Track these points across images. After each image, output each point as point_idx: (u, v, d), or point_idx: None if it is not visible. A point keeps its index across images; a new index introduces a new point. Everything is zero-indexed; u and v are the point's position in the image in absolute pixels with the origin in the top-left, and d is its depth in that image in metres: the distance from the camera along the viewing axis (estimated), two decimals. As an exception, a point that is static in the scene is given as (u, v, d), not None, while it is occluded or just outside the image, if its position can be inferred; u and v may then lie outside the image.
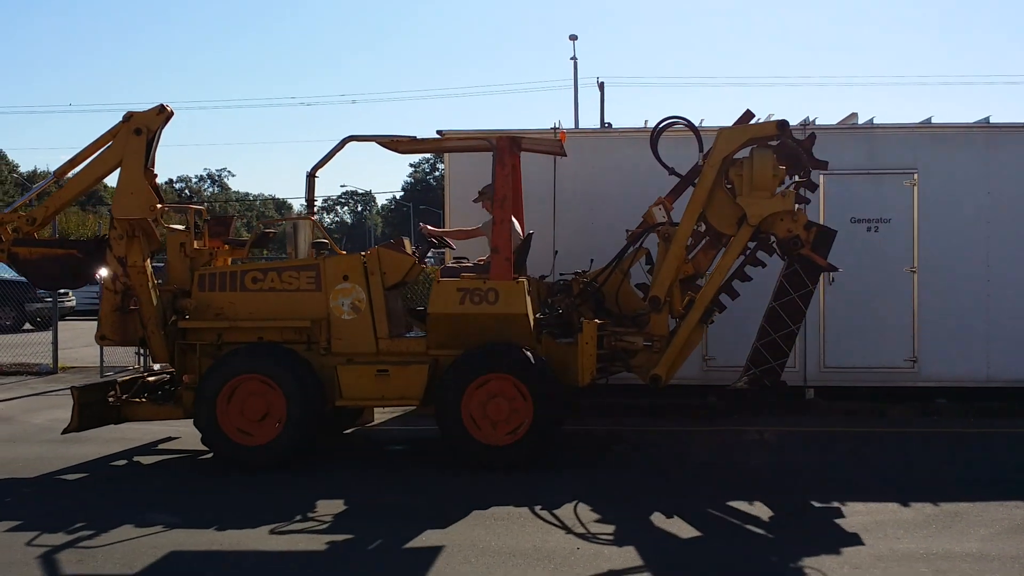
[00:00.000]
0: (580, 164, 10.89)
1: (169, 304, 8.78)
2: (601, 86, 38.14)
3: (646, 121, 11.60)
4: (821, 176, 10.79)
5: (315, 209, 9.44)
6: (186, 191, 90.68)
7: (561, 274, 9.24)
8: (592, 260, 9.18)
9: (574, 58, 42.43)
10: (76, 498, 7.55)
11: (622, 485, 7.78)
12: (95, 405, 8.71)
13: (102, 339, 8.93)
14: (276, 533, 6.43)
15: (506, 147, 8.62)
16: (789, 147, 8.30)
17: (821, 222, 10.76)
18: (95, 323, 15.55)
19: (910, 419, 10.61)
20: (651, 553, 5.99)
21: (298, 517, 6.79)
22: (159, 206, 8.93)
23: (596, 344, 8.42)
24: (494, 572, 5.67)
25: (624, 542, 6.21)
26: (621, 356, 8.67)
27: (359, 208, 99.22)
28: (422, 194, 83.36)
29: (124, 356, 14.97)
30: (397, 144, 9.30)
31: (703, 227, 8.86)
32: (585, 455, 8.94)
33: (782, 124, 8.15)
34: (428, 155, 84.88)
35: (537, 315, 8.77)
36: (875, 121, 11.25)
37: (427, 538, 6.29)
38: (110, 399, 8.85)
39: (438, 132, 10.87)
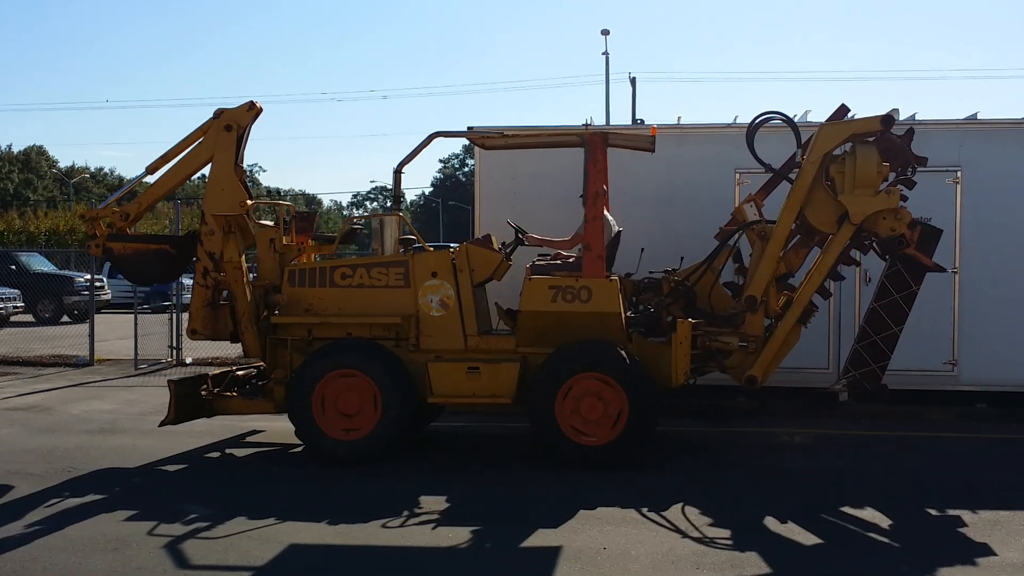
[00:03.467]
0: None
1: (261, 299, 8.80)
2: (633, 81, 37.96)
3: (679, 118, 11.53)
4: None
5: (400, 205, 9.43)
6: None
7: (651, 272, 9.12)
8: (683, 258, 9.07)
9: (606, 53, 42.12)
10: (183, 489, 7.60)
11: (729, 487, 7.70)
12: (189, 398, 8.76)
13: (193, 333, 8.96)
14: (388, 528, 6.41)
15: (599, 143, 8.53)
16: (893, 143, 8.12)
17: None
18: (131, 316, 15.86)
19: (948, 424, 10.41)
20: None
21: (405, 512, 6.77)
22: (249, 203, 8.98)
23: (691, 344, 8.32)
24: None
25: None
26: (716, 356, 8.55)
27: (388, 204, 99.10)
28: (451, 190, 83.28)
29: (157, 350, 15.24)
30: (484, 140, 9.26)
31: (794, 224, 8.72)
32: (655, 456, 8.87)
33: (887, 119, 7.95)
34: (457, 151, 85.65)
35: (628, 313, 8.68)
36: (917, 117, 10.82)
37: (542, 538, 6.23)
38: (202, 393, 8.90)
39: (468, 128, 10.83)
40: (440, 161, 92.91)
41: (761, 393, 9.32)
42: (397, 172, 9.40)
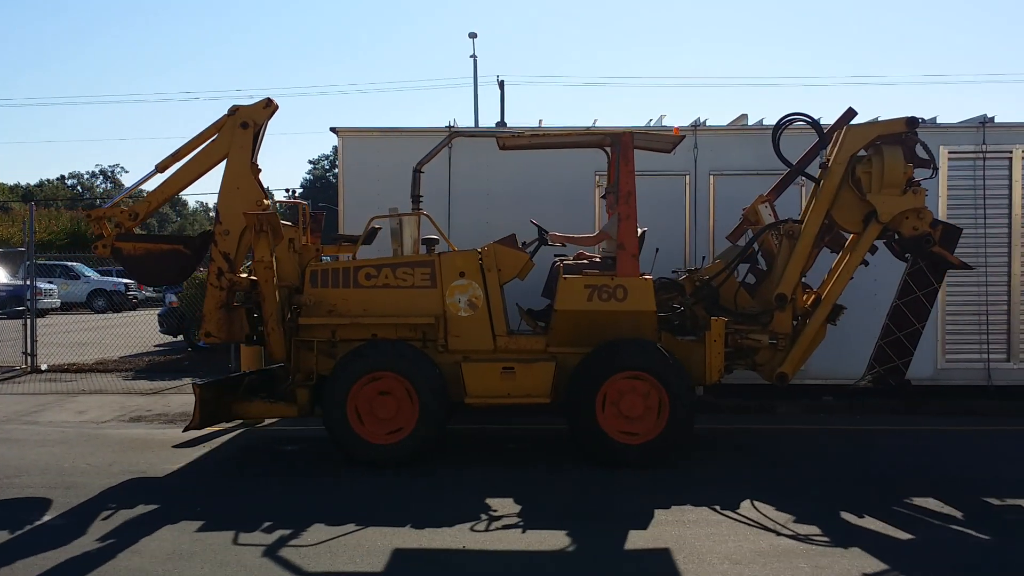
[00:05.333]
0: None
1: (286, 300, 8.48)
2: (501, 84, 38.11)
3: (540, 121, 11.86)
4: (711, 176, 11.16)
5: (420, 205, 9.24)
6: (78, 187, 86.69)
7: (674, 271, 9.24)
8: (704, 258, 9.22)
9: (473, 56, 42.24)
10: (232, 496, 7.27)
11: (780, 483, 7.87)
12: (211, 403, 8.36)
13: (207, 336, 8.54)
14: (477, 532, 6.27)
15: (629, 143, 8.58)
16: (910, 144, 8.43)
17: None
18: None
19: (797, 416, 10.93)
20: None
21: (483, 516, 6.64)
22: (266, 202, 8.64)
23: (724, 342, 8.47)
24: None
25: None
26: (746, 354, 8.73)
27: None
28: (322, 191, 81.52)
29: (11, 356, 14.56)
30: (506, 140, 9.18)
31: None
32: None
33: (911, 121, 8.26)
34: (327, 152, 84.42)
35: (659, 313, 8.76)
36: (764, 123, 11.35)
37: (640, 539, 6.20)
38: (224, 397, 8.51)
39: (331, 129, 11.20)
40: (310, 162, 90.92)
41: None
42: (416, 172, 9.23)
